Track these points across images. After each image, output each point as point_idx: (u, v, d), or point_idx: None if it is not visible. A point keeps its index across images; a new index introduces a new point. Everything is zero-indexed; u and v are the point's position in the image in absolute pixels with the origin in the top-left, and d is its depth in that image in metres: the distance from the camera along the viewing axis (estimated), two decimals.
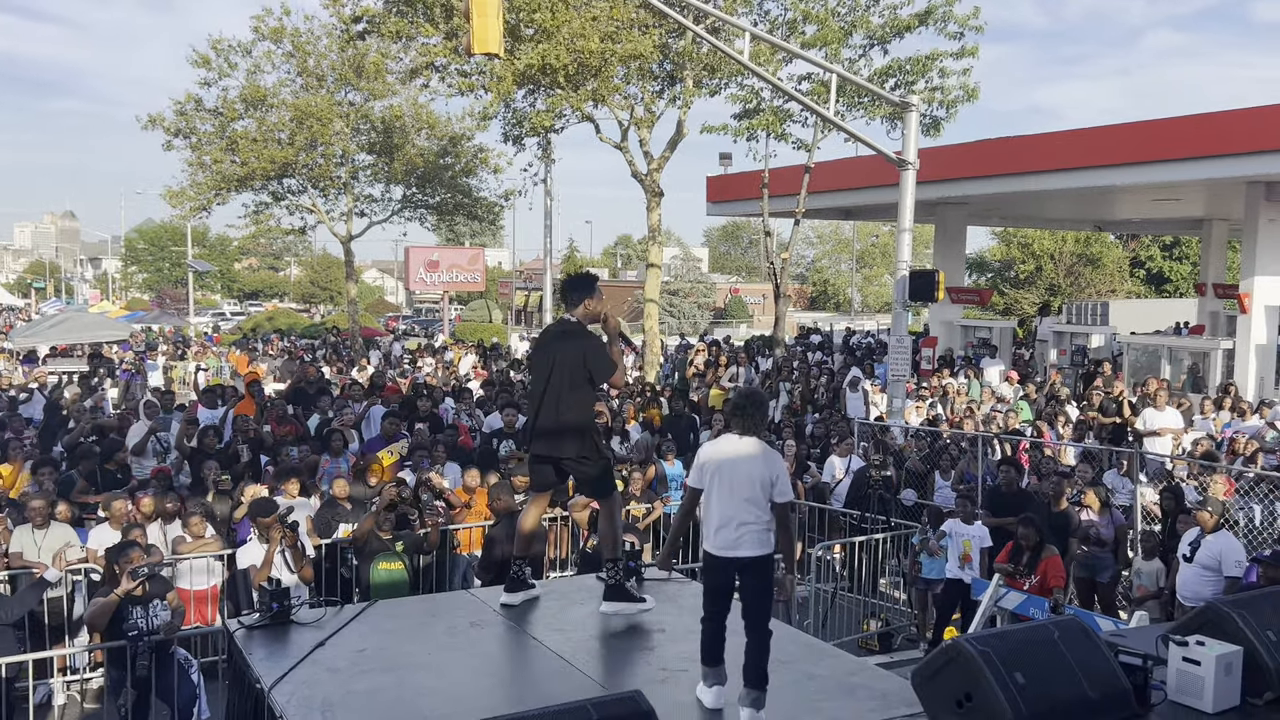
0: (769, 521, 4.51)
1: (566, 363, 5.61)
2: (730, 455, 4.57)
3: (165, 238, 75.81)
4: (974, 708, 4.00)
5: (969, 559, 9.95)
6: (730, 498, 4.49)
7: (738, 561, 4.48)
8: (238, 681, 5.21)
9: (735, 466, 4.52)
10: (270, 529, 7.89)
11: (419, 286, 46.66)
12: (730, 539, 4.47)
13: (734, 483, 4.50)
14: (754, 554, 4.47)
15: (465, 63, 19.01)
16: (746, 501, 4.47)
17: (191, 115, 28.68)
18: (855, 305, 71.12)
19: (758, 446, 4.59)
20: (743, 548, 4.46)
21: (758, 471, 4.51)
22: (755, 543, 4.47)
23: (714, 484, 4.55)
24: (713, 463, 4.59)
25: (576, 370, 5.60)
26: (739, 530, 4.46)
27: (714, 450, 4.67)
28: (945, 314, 25.32)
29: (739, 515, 4.47)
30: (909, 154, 14.95)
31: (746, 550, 4.46)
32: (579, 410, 5.68)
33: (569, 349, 5.64)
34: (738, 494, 4.48)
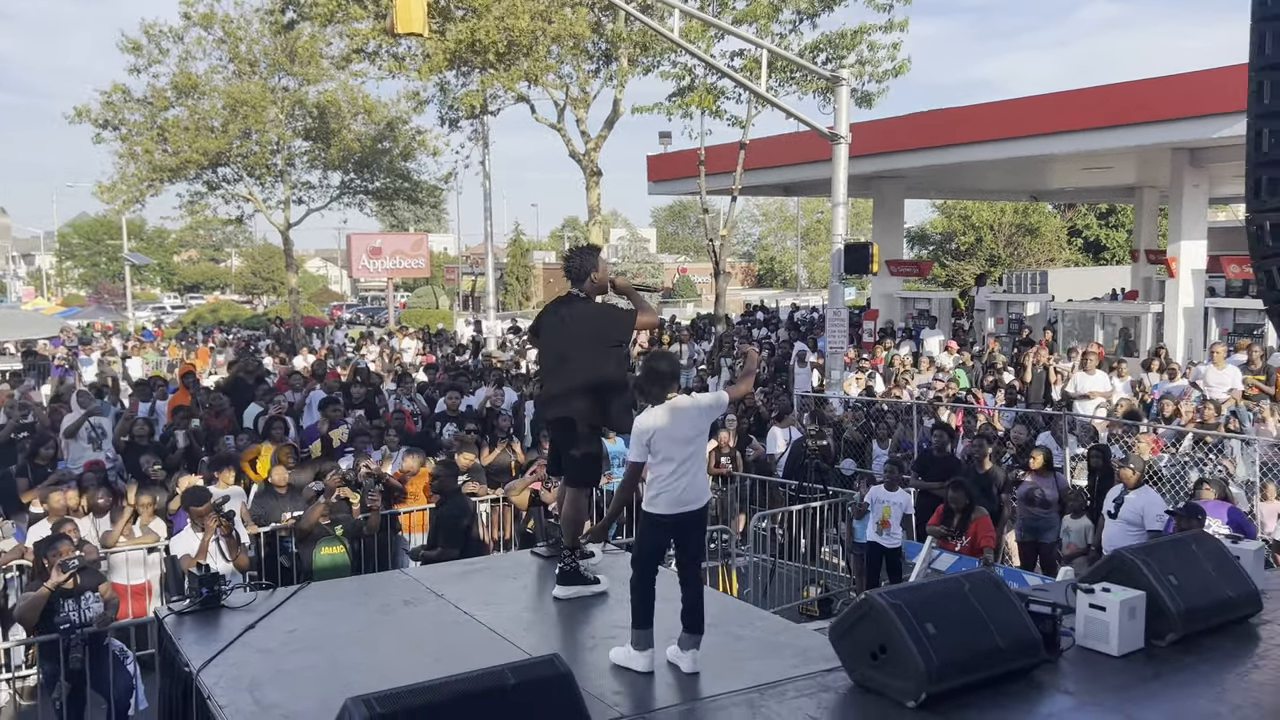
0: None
1: (584, 333, 5.62)
2: (666, 421, 4.69)
3: (100, 232, 74.07)
4: (888, 659, 4.14)
5: (887, 524, 10.24)
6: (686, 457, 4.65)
7: (693, 515, 4.69)
8: (168, 667, 5.21)
9: (677, 428, 4.67)
10: (205, 518, 7.85)
11: (362, 274, 46.24)
12: (696, 494, 4.68)
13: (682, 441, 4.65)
14: (701, 506, 4.73)
15: (396, 45, 18.84)
16: (697, 460, 4.71)
17: (120, 106, 28.10)
18: (802, 281, 71.66)
19: (690, 402, 4.77)
20: (702, 500, 4.73)
21: (703, 427, 4.76)
22: (704, 491, 4.75)
23: (662, 450, 4.66)
24: (651, 432, 4.69)
25: (597, 339, 5.61)
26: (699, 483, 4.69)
27: (651, 421, 4.74)
28: (886, 287, 25.64)
29: (694, 469, 4.67)
30: (841, 128, 15.11)
31: (698, 504, 4.71)
32: (597, 375, 5.62)
33: (583, 320, 5.67)
34: (689, 449, 4.66)
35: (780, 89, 21.65)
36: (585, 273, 5.71)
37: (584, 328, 5.65)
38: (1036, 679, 4.33)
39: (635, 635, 4.63)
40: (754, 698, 4.23)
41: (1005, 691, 4.21)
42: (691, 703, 4.25)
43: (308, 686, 4.46)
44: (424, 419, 13.76)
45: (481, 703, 3.43)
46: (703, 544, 4.84)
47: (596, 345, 5.61)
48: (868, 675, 4.23)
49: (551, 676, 3.57)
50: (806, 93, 22.22)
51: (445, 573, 6.27)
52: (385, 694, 3.33)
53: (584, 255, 5.85)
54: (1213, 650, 4.59)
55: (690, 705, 4.21)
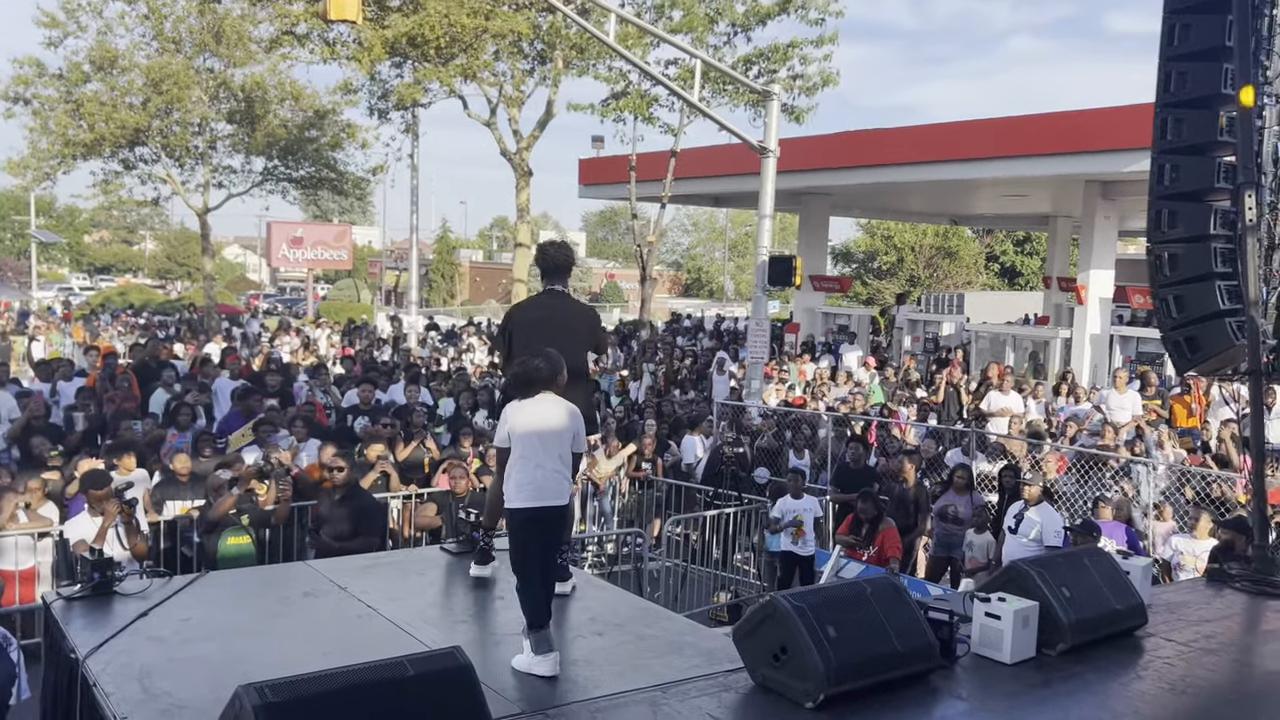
0: (569, 473, 4.88)
1: (572, 328, 5.68)
2: (537, 415, 4.76)
3: (6, 207, 71.38)
4: (789, 660, 4.19)
5: (802, 533, 10.38)
6: (543, 453, 4.71)
7: (559, 510, 4.75)
8: (54, 654, 5.02)
9: (545, 423, 4.75)
10: (104, 503, 7.59)
11: (282, 264, 45.35)
12: (548, 490, 4.70)
13: (544, 439, 4.72)
14: (561, 504, 4.78)
15: (329, 30, 18.55)
16: (558, 457, 4.75)
17: (32, 79, 27.11)
18: (728, 293, 72.26)
19: (558, 404, 4.84)
20: (559, 498, 4.74)
21: (565, 430, 4.79)
22: (562, 493, 4.78)
23: (527, 443, 4.72)
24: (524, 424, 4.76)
25: (580, 337, 5.70)
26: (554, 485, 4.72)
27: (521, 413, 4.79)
28: (808, 301, 25.98)
29: (551, 467, 4.71)
30: (770, 142, 15.29)
31: (557, 500, 4.74)
32: (581, 372, 5.68)
33: (575, 316, 5.76)
34: (552, 449, 4.72)
35: (713, 100, 21.87)
36: (570, 267, 5.81)
37: (577, 324, 5.74)
38: (932, 684, 4.43)
39: (534, 638, 4.55)
40: (656, 696, 4.25)
41: (901, 695, 4.30)
42: (593, 700, 4.24)
43: (199, 676, 4.34)
44: (336, 411, 13.54)
45: (378, 693, 3.38)
46: (560, 534, 4.95)
47: (583, 344, 5.75)
48: (768, 676, 4.28)
49: (451, 669, 3.54)
50: (738, 105, 22.49)
51: (350, 565, 6.16)
52: (278, 682, 3.27)
53: (568, 250, 5.93)
54: (1100, 660, 4.75)
55: (591, 703, 4.20)
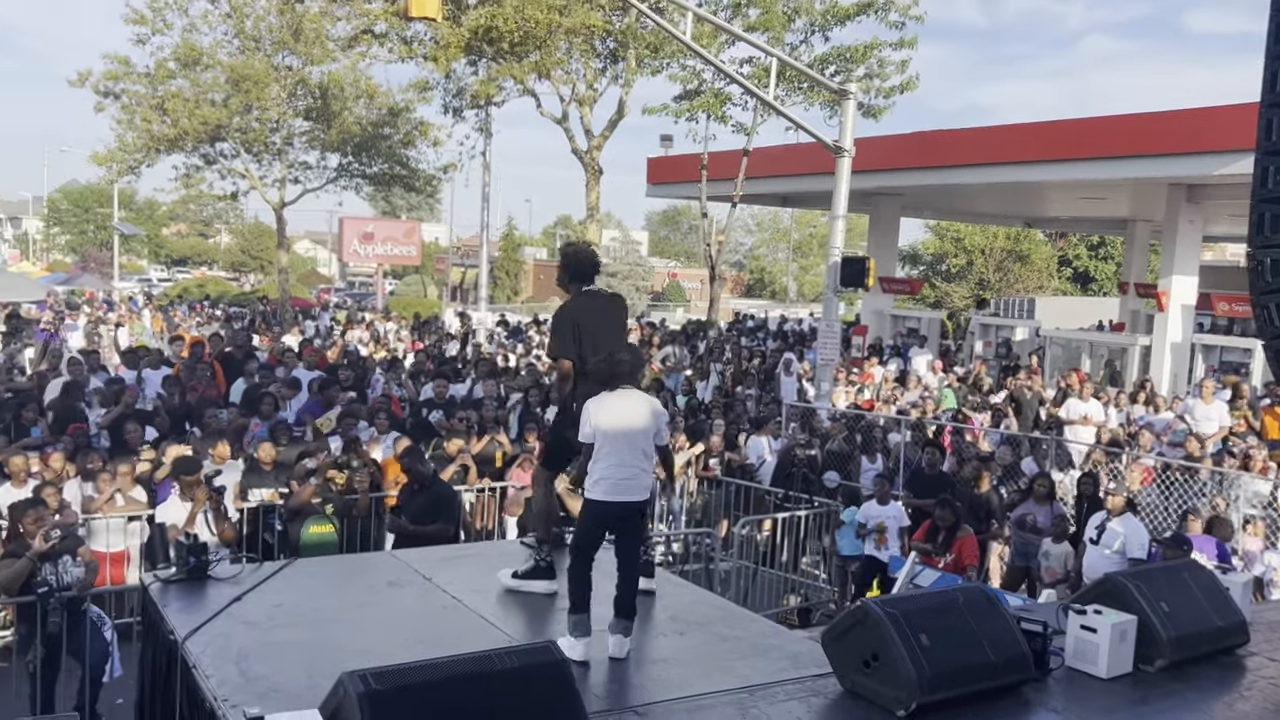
0: (652, 469, 4.91)
1: (623, 326, 5.92)
2: (621, 410, 4.79)
3: (90, 199, 73.47)
4: (880, 667, 4.13)
5: (884, 540, 10.25)
6: (624, 448, 4.73)
7: (635, 506, 4.79)
8: (151, 634, 5.16)
9: (627, 419, 4.78)
10: (194, 488, 7.78)
11: (353, 258, 46.03)
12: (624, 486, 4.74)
13: (627, 435, 4.74)
14: (640, 500, 4.83)
15: (406, 29, 18.78)
16: (642, 453, 4.77)
17: (121, 75, 27.91)
18: (791, 294, 71.79)
19: (642, 399, 4.89)
20: (634, 493, 4.78)
21: (648, 425, 4.82)
22: (642, 489, 4.83)
23: (609, 438, 4.76)
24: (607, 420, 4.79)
25: (624, 331, 5.94)
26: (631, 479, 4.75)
27: (604, 407, 4.82)
28: (877, 303, 25.71)
29: (633, 463, 4.74)
30: (845, 141, 15.15)
31: (636, 495, 4.79)
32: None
33: (621, 315, 5.91)
34: (636, 444, 4.75)
35: (787, 98, 21.71)
36: (599, 270, 5.93)
37: (620, 319, 5.87)
38: (1025, 696, 4.34)
39: (574, 620, 4.66)
40: (743, 698, 4.23)
41: (994, 706, 4.22)
42: (681, 699, 4.23)
43: (294, 660, 4.43)
44: (411, 405, 13.71)
45: (476, 684, 3.40)
46: (638, 530, 4.93)
47: (625, 336, 5.92)
48: (858, 682, 4.23)
49: (547, 663, 3.56)
50: (813, 104, 22.30)
51: (433, 556, 6.23)
52: (381, 670, 3.30)
53: (595, 253, 6.04)
54: (1200, 678, 4.61)
55: (680, 702, 4.19)
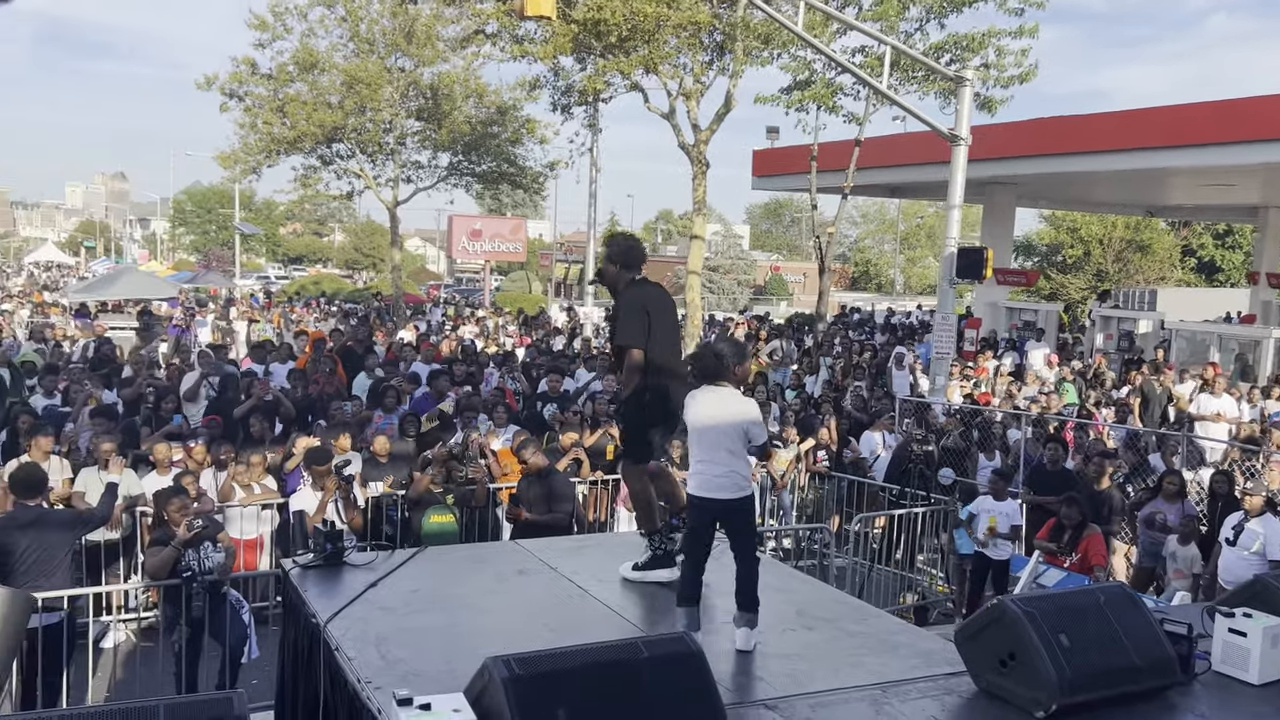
0: (742, 467, 4.80)
1: (677, 322, 5.97)
2: (711, 407, 4.77)
3: (213, 200, 76.65)
4: (1017, 667, 4.04)
5: (994, 533, 10.01)
6: (713, 446, 4.72)
7: (725, 503, 4.74)
8: (293, 617, 5.36)
9: (716, 416, 4.75)
10: (325, 477, 8.06)
11: (461, 255, 46.95)
12: (713, 484, 4.74)
13: (715, 433, 4.72)
14: (730, 497, 4.74)
15: (517, 27, 19.04)
16: (728, 451, 4.71)
17: (245, 78, 29.01)
18: (897, 286, 70.55)
19: (734, 397, 4.81)
20: (722, 491, 4.73)
21: (737, 423, 4.73)
22: (733, 488, 4.74)
23: (697, 436, 4.80)
24: (696, 415, 4.81)
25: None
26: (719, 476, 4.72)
27: (695, 403, 4.85)
28: (991, 295, 25.07)
29: (722, 461, 4.71)
30: (962, 129, 14.80)
31: (725, 494, 4.73)
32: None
33: (675, 309, 5.92)
34: (717, 443, 4.72)
35: (900, 88, 21.32)
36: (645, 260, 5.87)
37: (675, 310, 5.93)
38: (1170, 701, 4.19)
39: (681, 612, 4.73)
40: (876, 694, 4.18)
41: (1137, 711, 4.08)
42: (813, 694, 4.20)
43: (431, 645, 4.55)
44: (525, 398, 13.93)
45: (615, 672, 3.44)
46: (741, 528, 4.85)
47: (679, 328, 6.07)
48: (994, 682, 4.14)
49: (684, 654, 3.57)
50: (927, 93, 21.86)
51: (557, 546, 6.32)
52: (525, 655, 3.37)
53: (642, 244, 6.04)
54: None
55: (812, 697, 4.17)
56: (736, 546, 4.81)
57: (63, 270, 59.95)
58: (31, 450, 8.79)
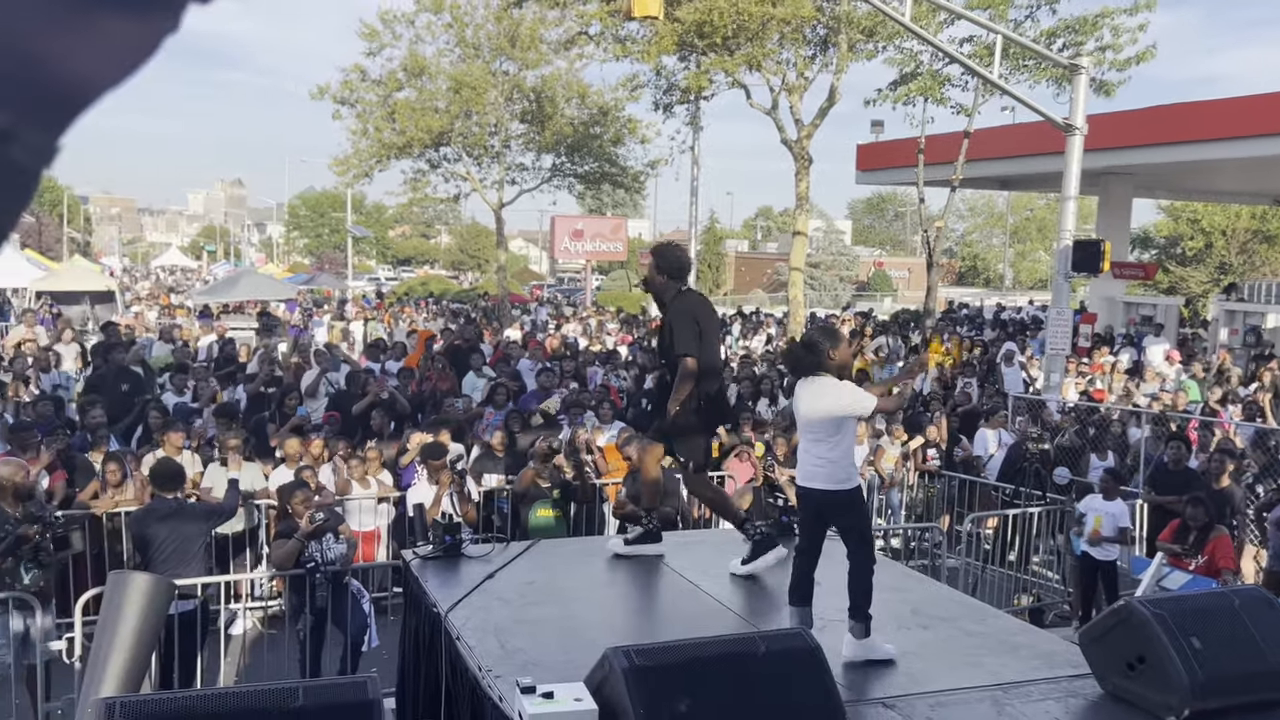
0: (839, 458, 4.70)
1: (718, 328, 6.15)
2: (807, 397, 4.79)
3: (326, 205, 79.12)
4: (1146, 670, 3.93)
5: (1098, 533, 9.69)
6: (811, 436, 4.74)
7: (815, 494, 4.72)
8: (414, 606, 5.52)
9: (812, 407, 4.75)
10: (440, 472, 8.28)
11: (563, 255, 47.37)
12: (808, 473, 4.74)
13: (812, 423, 4.73)
14: (827, 488, 4.69)
15: (620, 28, 19.18)
16: (813, 441, 4.70)
17: (356, 85, 29.90)
18: (1007, 281, 68.69)
19: (827, 384, 4.75)
20: (817, 481, 4.70)
21: (831, 412, 4.68)
22: (828, 478, 4.69)
23: (800, 426, 4.86)
24: (795, 407, 4.93)
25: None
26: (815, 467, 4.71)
27: (795, 396, 4.95)
28: (1106, 290, 24.25)
29: (818, 451, 4.69)
30: (1077, 119, 14.35)
31: (820, 484, 4.70)
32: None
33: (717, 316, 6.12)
34: (806, 435, 4.75)
35: (1011, 77, 20.77)
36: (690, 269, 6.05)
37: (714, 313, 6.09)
38: None
39: (790, 613, 4.71)
40: (998, 695, 4.11)
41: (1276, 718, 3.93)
42: (930, 693, 4.16)
43: (548, 636, 4.64)
44: (629, 396, 14.03)
45: (732, 666, 3.47)
46: (845, 520, 4.78)
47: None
48: (1120, 685, 4.04)
49: (802, 649, 3.58)
50: (1038, 81, 21.25)
51: (666, 541, 6.37)
52: (644, 646, 3.42)
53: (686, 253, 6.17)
54: None
55: (931, 696, 4.12)
56: (846, 546, 4.77)
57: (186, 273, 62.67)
58: (165, 445, 9.24)
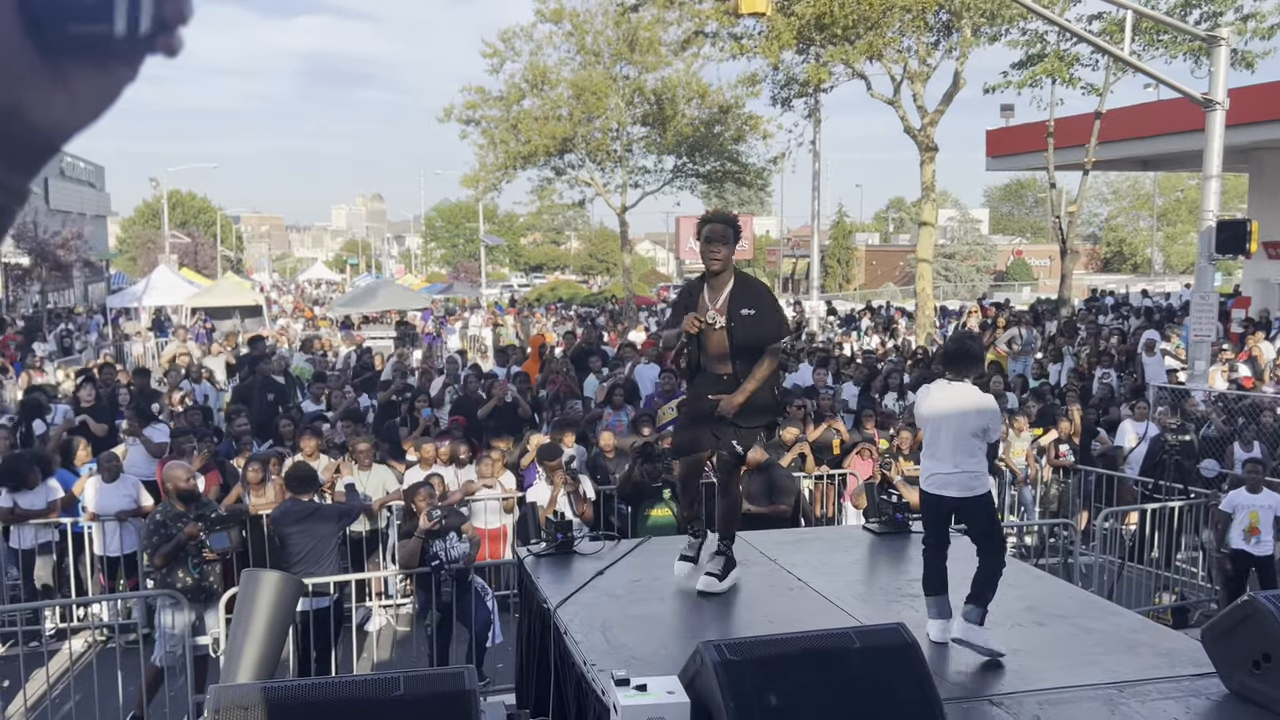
0: (978, 466, 4.59)
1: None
2: (943, 402, 4.65)
3: (460, 216, 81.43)
4: (1273, 669, 3.74)
5: (1256, 531, 9.13)
6: (943, 443, 4.58)
7: (947, 501, 4.61)
8: (527, 602, 5.68)
9: (948, 413, 4.61)
10: (555, 472, 8.47)
11: (689, 256, 47.59)
12: (940, 481, 4.60)
13: (946, 429, 4.58)
14: (961, 496, 4.58)
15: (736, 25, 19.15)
16: (960, 450, 4.54)
17: (479, 104, 30.73)
18: (1156, 266, 65.44)
19: (970, 393, 4.64)
20: (950, 489, 4.58)
21: (970, 421, 4.55)
22: (961, 486, 4.56)
23: (927, 433, 4.73)
24: (924, 411, 4.75)
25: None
26: (948, 474, 4.58)
27: (928, 397, 4.76)
28: (1261, 271, 22.88)
29: (951, 459, 4.55)
30: (1217, 93, 13.58)
31: (954, 492, 4.57)
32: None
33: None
34: (948, 441, 4.57)
35: (1144, 53, 19.81)
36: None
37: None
38: None
39: (929, 602, 4.65)
40: (1111, 694, 3.98)
41: None
42: (1040, 691, 4.05)
43: (653, 631, 4.71)
44: None
45: (825, 661, 3.46)
46: (977, 526, 4.68)
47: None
48: (1246, 684, 3.85)
49: (897, 645, 3.54)
50: (1175, 56, 20.19)
51: (777, 539, 6.36)
52: (736, 641, 3.45)
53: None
54: None
55: (1040, 694, 4.01)
56: (977, 544, 4.69)
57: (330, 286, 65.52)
58: (302, 450, 9.72)
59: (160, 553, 7.38)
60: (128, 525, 9.14)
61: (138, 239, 64.06)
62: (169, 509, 7.58)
